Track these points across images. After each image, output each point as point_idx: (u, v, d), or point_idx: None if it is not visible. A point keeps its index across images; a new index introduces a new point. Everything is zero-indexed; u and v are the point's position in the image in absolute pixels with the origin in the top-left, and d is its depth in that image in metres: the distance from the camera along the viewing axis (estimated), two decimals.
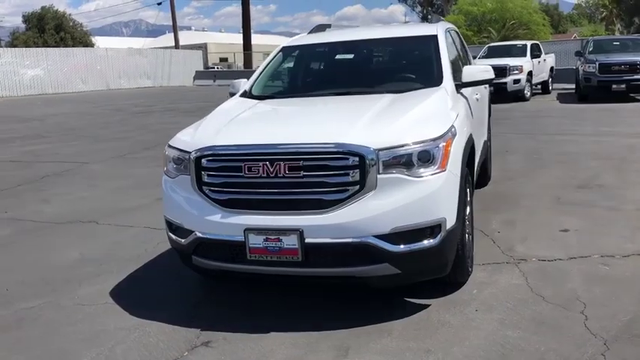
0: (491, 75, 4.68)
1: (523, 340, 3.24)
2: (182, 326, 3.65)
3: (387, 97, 4.17)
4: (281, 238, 3.40)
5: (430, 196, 3.41)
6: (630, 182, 6.81)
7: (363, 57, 5.37)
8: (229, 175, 3.55)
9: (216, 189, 3.58)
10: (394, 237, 3.35)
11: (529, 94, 19.33)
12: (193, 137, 3.88)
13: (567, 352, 3.10)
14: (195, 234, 3.66)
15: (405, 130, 3.52)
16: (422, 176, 3.40)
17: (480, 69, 4.69)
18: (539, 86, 21.23)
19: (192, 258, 3.78)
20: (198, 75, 33.60)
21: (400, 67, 5.00)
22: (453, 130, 3.65)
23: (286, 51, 5.47)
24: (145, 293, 4.28)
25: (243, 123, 4.11)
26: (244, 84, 5.18)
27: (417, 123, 3.65)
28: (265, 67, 5.26)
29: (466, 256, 3.93)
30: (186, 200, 3.74)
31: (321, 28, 6.06)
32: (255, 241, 3.45)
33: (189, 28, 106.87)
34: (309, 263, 3.42)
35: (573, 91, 20.24)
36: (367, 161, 3.31)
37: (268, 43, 67.39)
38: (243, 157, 3.50)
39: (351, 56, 5.31)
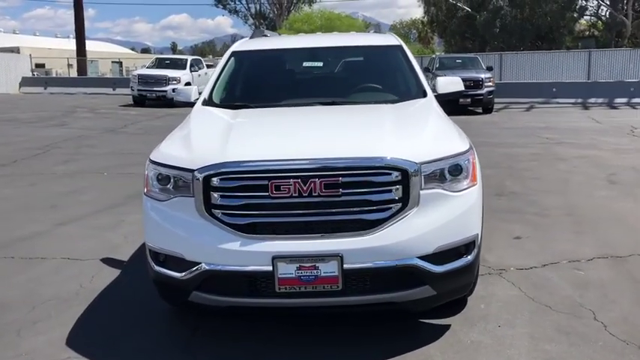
0: (462, 87, 4.69)
1: (567, 354, 3.21)
2: None
3: (387, 109, 3.95)
4: (318, 265, 3.00)
5: (468, 212, 3.25)
6: (535, 189, 7.32)
7: (334, 65, 5.07)
8: (251, 195, 3.05)
9: (233, 212, 3.06)
10: (437, 257, 3.12)
11: None
12: (191, 152, 3.29)
13: None
14: (202, 266, 3.09)
15: (435, 144, 3.33)
16: (459, 190, 3.23)
17: (453, 81, 4.68)
18: None
19: (193, 294, 3.19)
20: (26, 81, 30.01)
21: (377, 77, 4.79)
22: (470, 142, 3.55)
23: (237, 55, 4.97)
24: (114, 338, 3.54)
25: (249, 135, 3.59)
26: (196, 92, 4.61)
27: (441, 137, 3.48)
28: (220, 74, 4.71)
29: (478, 273, 3.83)
30: (187, 226, 3.15)
31: (258, 33, 5.65)
32: (286, 270, 3.00)
33: None
34: (348, 291, 3.06)
35: None
36: (411, 176, 3.06)
37: (90, 49, 62.56)
38: (270, 174, 3.02)
39: (320, 64, 4.99)
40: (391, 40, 5.10)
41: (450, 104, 17.99)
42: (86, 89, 28.77)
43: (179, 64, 23.79)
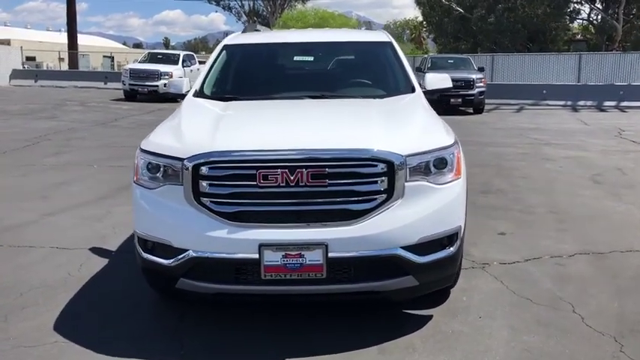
0: (449, 84, 4.77)
1: (544, 345, 3.29)
2: None
3: (375, 103, 4.01)
4: (303, 253, 3.06)
5: (451, 204, 3.33)
6: (522, 187, 7.42)
7: (325, 59, 5.13)
8: (239, 184, 3.11)
9: (221, 200, 3.12)
10: (420, 247, 3.20)
11: None
12: (183, 141, 3.34)
13: (592, 353, 3.20)
14: (189, 253, 3.14)
15: (421, 137, 3.40)
16: (443, 183, 3.31)
17: (441, 77, 4.75)
18: None
19: (180, 281, 3.25)
20: (17, 74, 29.82)
21: (367, 72, 4.86)
22: (456, 137, 3.62)
23: (229, 49, 5.02)
24: (102, 324, 3.58)
25: (239, 126, 3.65)
26: (187, 84, 4.66)
27: (428, 130, 3.56)
28: (211, 67, 4.76)
29: (461, 264, 3.91)
30: (176, 214, 3.20)
31: (252, 27, 5.70)
32: (272, 258, 3.06)
33: None
34: (332, 280, 3.13)
35: None
36: (396, 168, 3.13)
37: (81, 43, 62.16)
38: (258, 163, 3.08)
39: (311, 58, 5.04)
40: (382, 36, 5.17)
41: (441, 104, 18.24)
42: (77, 83, 28.69)
43: (172, 60, 23.83)
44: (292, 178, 3.05)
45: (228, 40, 5.15)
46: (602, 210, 6.25)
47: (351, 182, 3.10)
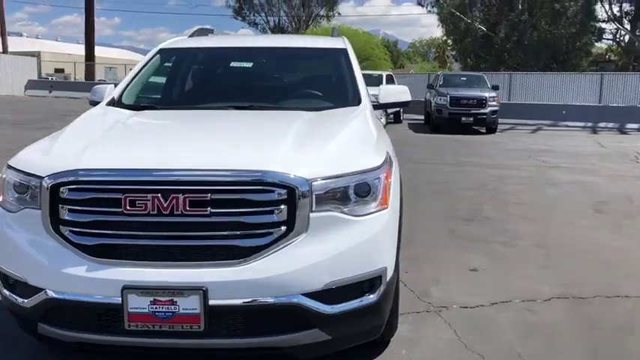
0: (409, 97, 4.16)
1: None
2: None
3: (304, 116, 3.42)
4: (176, 300, 2.47)
5: (372, 241, 2.70)
6: (513, 215, 6.73)
7: (265, 67, 4.57)
8: (102, 211, 2.54)
9: (81, 230, 2.56)
10: (329, 295, 2.58)
11: (385, 122, 19.69)
12: (47, 156, 2.81)
13: None
14: (46, 293, 2.58)
15: (339, 158, 2.79)
16: (362, 215, 2.70)
17: (398, 89, 4.16)
18: (391, 115, 21.86)
19: (39, 326, 2.68)
20: (32, 84, 29.95)
21: (310, 82, 4.30)
22: (389, 158, 3.01)
23: (165, 54, 4.49)
24: None
25: (120, 140, 3.08)
26: (111, 90, 4.12)
27: (351, 149, 2.93)
28: (139, 72, 4.22)
29: (397, 310, 3.27)
30: (32, 245, 2.65)
31: (203, 32, 5.15)
32: (138, 304, 2.48)
33: (20, 35, 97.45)
34: (215, 333, 2.53)
35: (422, 121, 21.22)
36: (298, 195, 2.53)
37: (112, 57, 63.22)
38: (124, 185, 2.51)
39: (249, 65, 4.49)
40: (337, 43, 4.58)
41: (453, 123, 17.53)
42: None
43: (373, 81, 21.96)
44: (165, 204, 2.47)
45: (166, 44, 4.60)
46: (596, 244, 5.53)
47: (240, 212, 2.51)
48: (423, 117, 21.35)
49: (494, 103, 18.08)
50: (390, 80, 21.11)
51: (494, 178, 9.46)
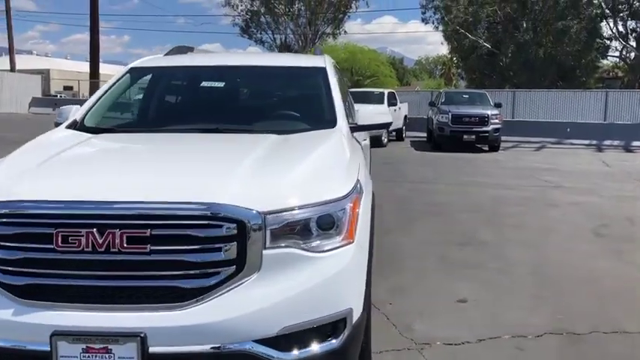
0: (389, 119, 3.92)
1: None
2: None
3: (270, 140, 3.17)
4: (111, 347, 2.22)
5: (334, 280, 2.45)
6: (510, 239, 6.44)
7: (237, 87, 4.36)
8: (32, 247, 2.30)
9: (9, 269, 2.32)
10: (283, 341, 2.32)
11: (386, 140, 19.50)
12: None
13: None
14: None
15: (300, 186, 2.54)
16: (324, 250, 2.45)
17: (378, 111, 3.92)
18: (393, 133, 21.61)
19: None
20: (36, 102, 29.98)
21: (284, 102, 4.08)
22: (358, 186, 2.76)
23: (135, 73, 4.28)
24: None
25: (62, 167, 2.83)
26: (76, 111, 3.90)
27: (315, 177, 2.69)
28: (105, 92, 4.01)
29: (370, 351, 3.00)
30: None
31: (181, 49, 4.93)
32: (69, 351, 2.23)
33: (30, 53, 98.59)
34: None
35: (424, 139, 20.96)
36: (249, 230, 2.28)
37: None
38: (56, 219, 2.28)
39: (221, 84, 4.28)
40: (317, 61, 4.35)
41: (455, 141, 17.28)
42: None
43: (375, 99, 20.88)
44: (101, 241, 2.23)
45: (137, 63, 4.39)
46: (595, 272, 5.23)
47: (184, 249, 2.27)
48: (425, 135, 21.11)
49: (496, 120, 17.80)
50: (392, 98, 20.86)
51: (491, 199, 9.18)
